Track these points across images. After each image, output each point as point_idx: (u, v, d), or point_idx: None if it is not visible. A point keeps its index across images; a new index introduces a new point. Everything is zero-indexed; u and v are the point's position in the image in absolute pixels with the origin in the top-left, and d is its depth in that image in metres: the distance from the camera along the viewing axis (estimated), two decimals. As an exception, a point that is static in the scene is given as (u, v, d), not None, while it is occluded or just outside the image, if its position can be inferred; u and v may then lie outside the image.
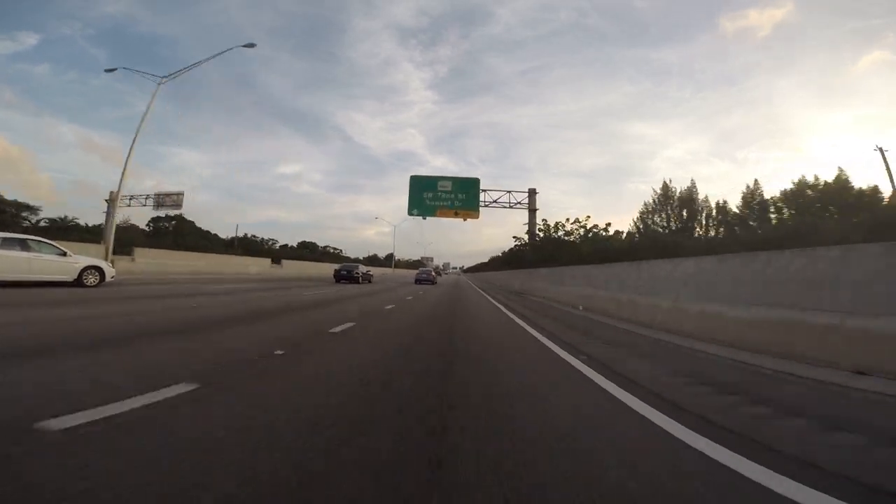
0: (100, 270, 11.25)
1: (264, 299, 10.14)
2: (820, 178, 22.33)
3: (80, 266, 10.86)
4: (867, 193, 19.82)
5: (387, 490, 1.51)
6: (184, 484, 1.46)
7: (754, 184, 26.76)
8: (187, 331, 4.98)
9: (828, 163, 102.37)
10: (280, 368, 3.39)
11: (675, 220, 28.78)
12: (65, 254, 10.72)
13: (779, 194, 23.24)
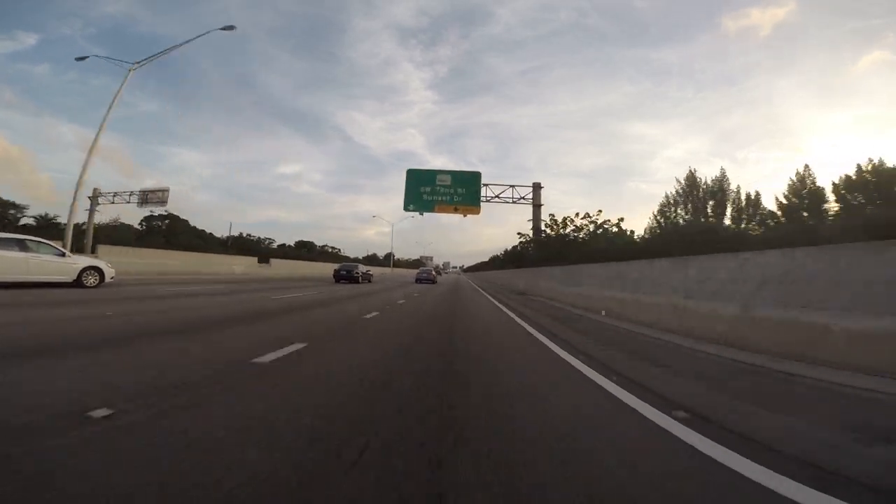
0: (99, 271, 11.24)
1: (204, 308, 7.93)
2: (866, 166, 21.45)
3: (79, 266, 10.84)
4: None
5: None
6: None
7: (805, 169, 24.99)
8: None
9: (828, 163, 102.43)
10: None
11: (704, 212, 26.48)
12: (64, 254, 10.71)
13: (839, 180, 21.88)
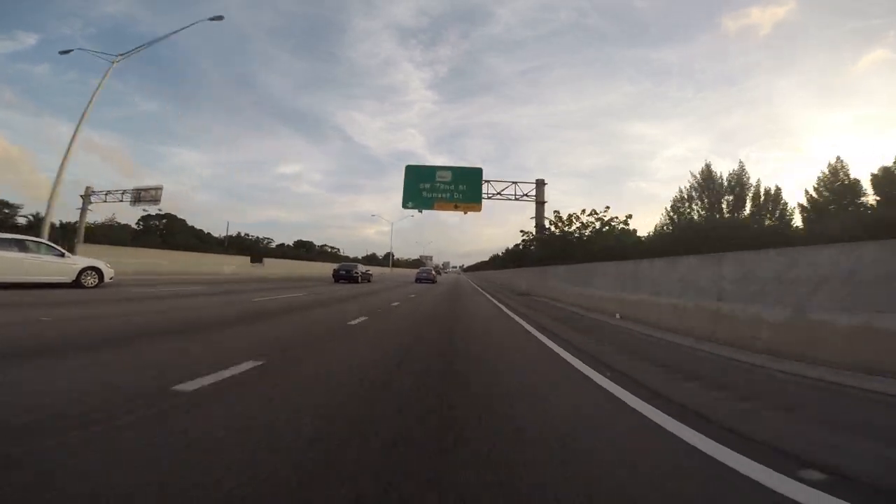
0: (98, 271, 11.23)
1: (172, 310, 7.18)
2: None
3: (78, 267, 10.83)
4: None
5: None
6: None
7: (836, 161, 23.68)
8: None
9: (828, 163, 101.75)
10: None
11: (719, 208, 24.54)
12: (63, 254, 10.70)
13: (878, 171, 20.72)
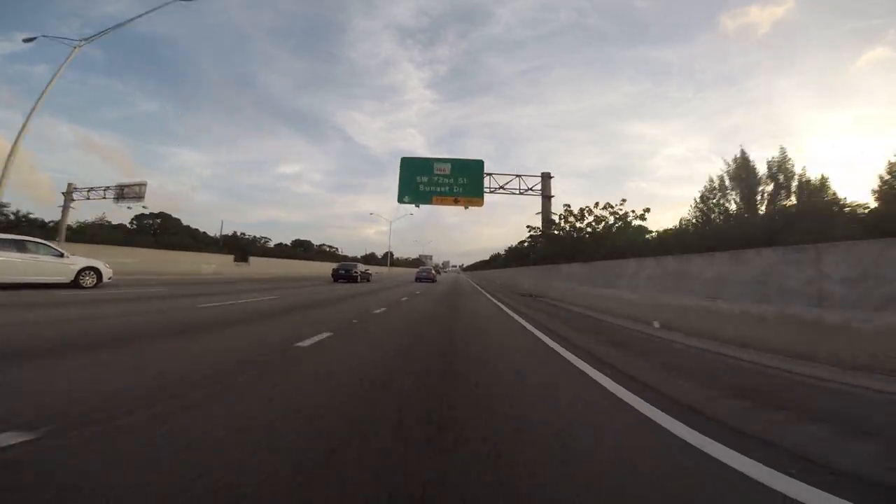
0: (97, 271, 11.21)
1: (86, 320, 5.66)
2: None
3: (76, 267, 10.80)
4: None
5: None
6: None
7: None
8: None
9: (828, 163, 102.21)
10: None
11: (752, 199, 21.82)
12: (62, 255, 10.67)
13: None
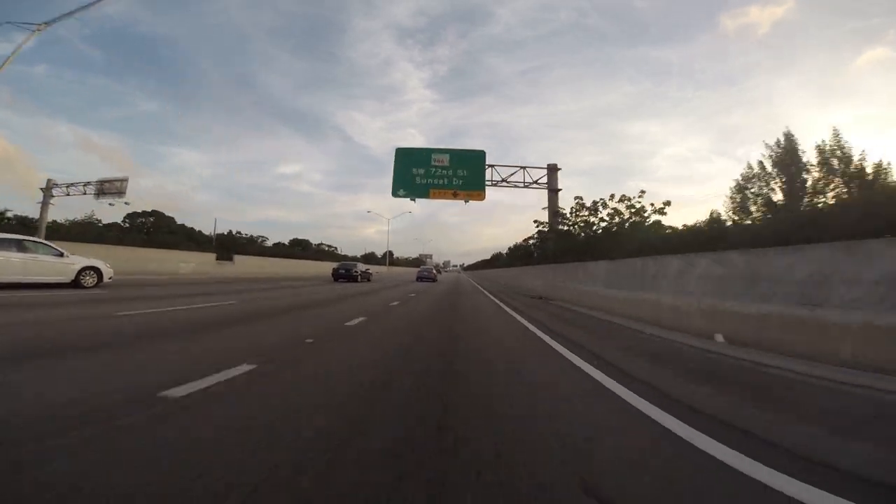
0: (97, 271, 11.21)
1: None
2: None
3: (77, 267, 10.80)
4: None
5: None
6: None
7: None
8: None
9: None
10: None
11: (794, 187, 14.61)
12: (62, 254, 10.67)
13: None
